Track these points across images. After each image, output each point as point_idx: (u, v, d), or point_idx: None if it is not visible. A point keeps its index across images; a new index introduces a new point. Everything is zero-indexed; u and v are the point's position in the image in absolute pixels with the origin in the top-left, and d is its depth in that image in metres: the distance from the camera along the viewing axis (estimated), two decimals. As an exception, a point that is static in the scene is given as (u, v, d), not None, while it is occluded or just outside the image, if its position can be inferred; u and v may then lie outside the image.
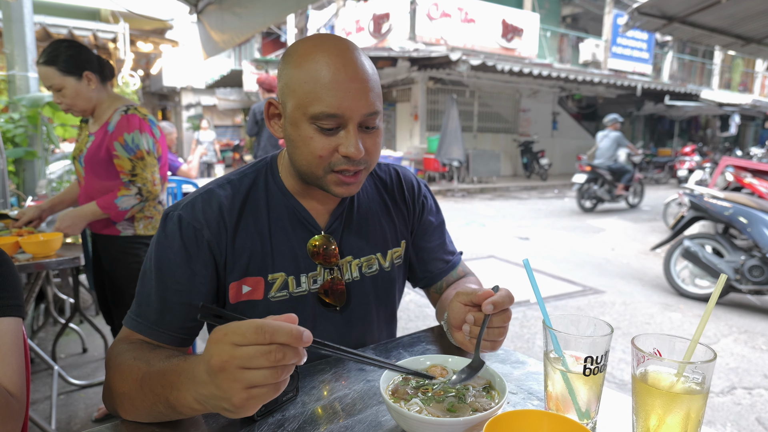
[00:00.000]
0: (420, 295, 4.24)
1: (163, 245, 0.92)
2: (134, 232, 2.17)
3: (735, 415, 2.59)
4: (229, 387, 0.60)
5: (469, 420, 0.68)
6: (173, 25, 7.56)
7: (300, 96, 0.87)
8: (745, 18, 5.04)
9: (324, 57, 0.86)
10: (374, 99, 0.89)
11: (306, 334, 0.60)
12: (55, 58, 2.00)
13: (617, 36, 16.03)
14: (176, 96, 19.98)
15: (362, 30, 13.44)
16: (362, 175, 0.94)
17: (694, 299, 4.42)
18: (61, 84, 2.03)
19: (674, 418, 0.64)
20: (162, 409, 0.73)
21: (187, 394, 0.67)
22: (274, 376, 0.60)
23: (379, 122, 0.92)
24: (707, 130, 20.59)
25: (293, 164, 0.95)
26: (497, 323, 0.89)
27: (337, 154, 0.89)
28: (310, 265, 1.01)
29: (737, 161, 5.74)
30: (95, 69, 2.09)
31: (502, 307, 0.88)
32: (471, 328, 0.89)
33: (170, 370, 0.72)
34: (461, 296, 0.92)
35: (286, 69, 0.90)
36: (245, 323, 0.60)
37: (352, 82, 0.85)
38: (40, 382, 2.72)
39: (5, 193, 3.36)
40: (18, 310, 0.91)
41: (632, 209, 9.89)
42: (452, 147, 12.20)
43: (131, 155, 2.04)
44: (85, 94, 2.07)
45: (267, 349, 0.59)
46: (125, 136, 2.03)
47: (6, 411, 0.79)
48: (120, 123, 2.04)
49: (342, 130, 0.88)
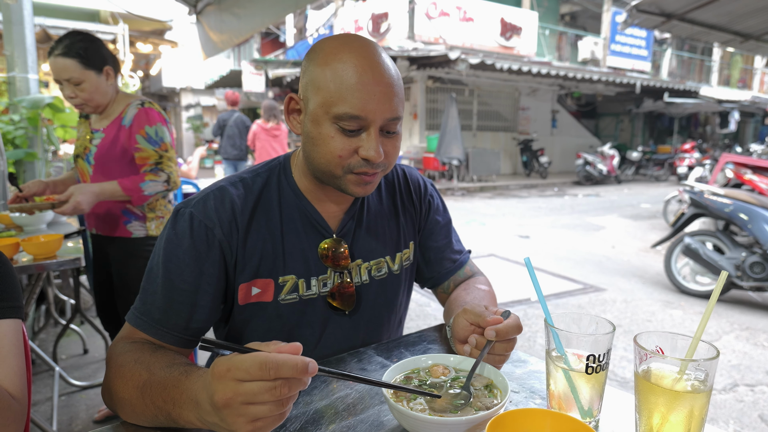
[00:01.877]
0: (420, 294, 4.24)
1: (172, 243, 0.91)
2: (146, 233, 2.13)
3: (737, 413, 2.59)
4: (234, 421, 0.60)
5: (472, 419, 0.67)
6: (172, 25, 7.56)
7: (324, 95, 0.85)
8: (743, 15, 5.03)
9: (351, 57, 0.85)
10: (397, 104, 0.88)
11: (311, 365, 0.59)
12: (77, 51, 1.92)
13: (616, 34, 16.03)
14: (176, 96, 19.99)
15: (361, 29, 13.44)
16: (378, 177, 0.94)
17: (695, 296, 4.42)
18: (81, 78, 1.95)
19: (677, 415, 0.63)
20: (163, 421, 0.73)
21: (189, 414, 0.67)
22: (279, 408, 0.60)
23: (399, 127, 0.92)
24: (707, 127, 20.58)
25: (310, 161, 0.93)
26: (499, 351, 0.86)
27: (357, 156, 0.88)
28: (320, 268, 1.00)
29: (737, 158, 5.74)
30: (113, 64, 2.05)
31: (507, 336, 0.85)
32: (472, 350, 0.87)
33: (172, 385, 0.71)
34: (469, 314, 0.90)
35: (311, 66, 0.88)
36: (248, 358, 0.58)
37: (377, 85, 0.85)
38: (41, 383, 2.72)
39: (6, 194, 3.36)
40: (17, 312, 0.91)
41: (632, 207, 9.89)
42: (452, 146, 12.20)
43: (156, 147, 2.02)
44: (103, 89, 2.02)
45: (272, 385, 0.58)
46: (147, 129, 2.00)
47: (7, 413, 0.79)
48: (138, 116, 2.01)
49: (363, 132, 0.87)
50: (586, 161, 13.84)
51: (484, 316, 0.87)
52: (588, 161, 13.83)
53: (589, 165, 13.83)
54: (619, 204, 10.33)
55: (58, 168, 4.28)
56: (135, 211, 2.12)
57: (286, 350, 0.60)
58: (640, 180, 15.84)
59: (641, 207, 9.92)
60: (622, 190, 12.96)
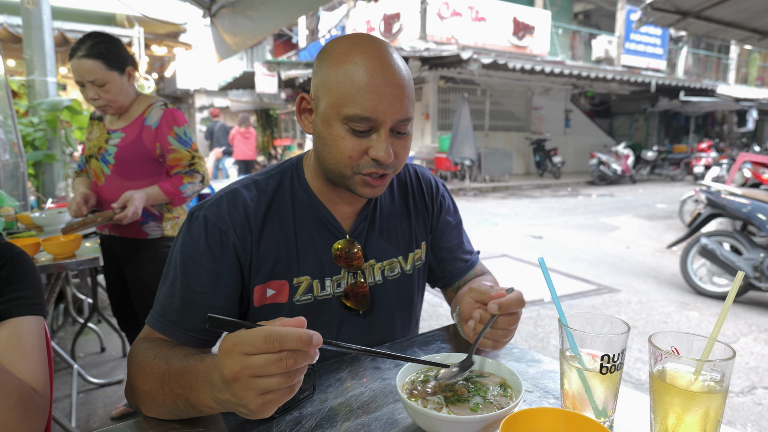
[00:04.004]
0: (432, 294, 4.23)
1: (188, 246, 0.92)
2: (162, 233, 2.15)
3: (756, 416, 2.55)
4: (244, 395, 0.61)
5: (486, 417, 0.68)
6: (187, 28, 7.64)
7: (335, 95, 0.86)
8: (761, 11, 4.95)
9: (362, 59, 0.85)
10: (408, 105, 0.89)
11: (316, 337, 0.60)
12: (99, 51, 1.92)
13: (630, 32, 15.85)
14: (190, 98, 20.15)
15: (373, 30, 13.45)
16: (388, 178, 0.94)
17: (712, 297, 4.35)
18: (105, 79, 1.94)
19: (693, 416, 0.63)
20: (182, 408, 0.74)
21: (205, 396, 0.69)
22: (287, 381, 0.61)
23: (410, 128, 0.92)
24: (724, 126, 20.26)
25: (321, 161, 0.94)
26: (503, 325, 0.89)
27: (367, 157, 0.89)
28: (334, 268, 1.01)
29: (755, 157, 5.65)
30: (133, 64, 2.07)
31: (509, 309, 0.87)
32: (475, 325, 0.89)
33: (188, 371, 0.73)
34: (474, 292, 0.93)
35: (323, 66, 0.89)
36: (254, 332, 0.60)
37: (388, 86, 0.85)
38: (60, 380, 2.77)
39: (25, 195, 3.42)
40: (40, 309, 0.93)
41: (647, 207, 9.77)
42: (464, 146, 12.16)
43: (188, 147, 2.07)
44: (126, 90, 2.03)
45: (278, 357, 0.59)
46: (176, 130, 2.04)
47: (31, 406, 0.81)
48: (165, 118, 2.04)
49: (374, 133, 0.88)
50: (600, 161, 13.71)
51: (488, 291, 0.90)
52: (602, 161, 13.69)
53: (603, 165, 13.70)
54: (634, 204, 10.22)
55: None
56: (153, 211, 2.13)
57: (290, 324, 0.62)
58: (655, 180, 15.65)
59: (656, 207, 9.80)
60: (636, 190, 12.82)
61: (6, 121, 3.49)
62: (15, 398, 0.78)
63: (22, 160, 3.53)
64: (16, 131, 3.55)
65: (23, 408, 0.79)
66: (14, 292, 0.90)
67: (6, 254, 0.93)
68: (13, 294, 0.90)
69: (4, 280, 0.90)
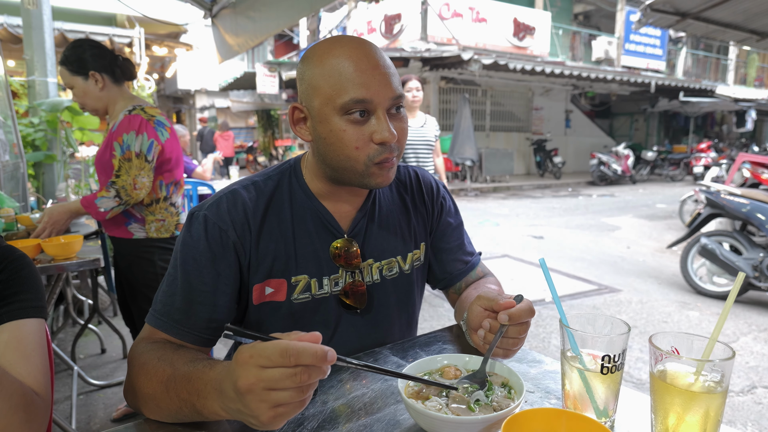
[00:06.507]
0: (434, 295, 4.23)
1: (188, 246, 0.93)
2: (146, 235, 2.14)
3: (756, 415, 2.55)
4: (257, 407, 0.61)
5: (488, 418, 0.68)
6: (188, 28, 7.64)
7: (326, 91, 0.88)
8: (759, 13, 4.95)
9: (344, 51, 0.88)
10: (397, 83, 0.91)
11: (330, 353, 0.61)
12: (64, 58, 2.05)
13: (630, 33, 15.86)
14: (190, 99, 20.17)
15: (374, 31, 13.46)
16: (396, 162, 0.96)
17: (712, 297, 4.36)
18: (70, 83, 2.07)
19: (693, 416, 0.63)
20: (187, 413, 0.74)
21: (214, 403, 0.69)
22: (300, 395, 0.62)
23: (403, 109, 0.94)
24: (723, 126, 20.26)
25: (328, 163, 0.94)
26: (513, 334, 0.88)
27: (372, 144, 0.90)
28: (332, 267, 1.01)
29: (754, 157, 5.65)
30: (104, 69, 2.07)
31: (520, 320, 0.86)
32: (486, 334, 0.89)
33: (196, 377, 0.73)
34: (482, 300, 0.92)
35: (308, 70, 0.91)
36: (270, 345, 0.60)
37: (375, 69, 0.88)
38: (60, 382, 2.77)
39: (25, 195, 3.42)
40: (41, 312, 0.93)
41: (647, 207, 9.78)
42: (465, 146, 12.16)
43: (121, 155, 2.00)
44: (93, 94, 2.08)
45: (293, 371, 0.60)
46: (123, 137, 2.00)
47: (32, 409, 0.81)
48: (122, 123, 2.02)
49: (372, 117, 0.89)
50: (600, 161, 13.71)
51: (497, 300, 0.89)
52: (602, 161, 13.70)
53: (604, 165, 13.70)
54: (634, 204, 10.22)
55: (76, 170, 4.35)
56: (134, 213, 2.14)
57: (306, 339, 0.62)
58: (655, 180, 15.65)
59: (657, 207, 9.80)
60: (637, 191, 12.82)
61: (6, 121, 3.49)
62: (16, 401, 0.78)
63: (22, 160, 3.53)
64: (16, 132, 3.55)
65: (24, 411, 0.79)
66: (15, 295, 0.90)
67: (7, 257, 0.93)
68: (14, 297, 0.90)
69: (4, 283, 0.90)
